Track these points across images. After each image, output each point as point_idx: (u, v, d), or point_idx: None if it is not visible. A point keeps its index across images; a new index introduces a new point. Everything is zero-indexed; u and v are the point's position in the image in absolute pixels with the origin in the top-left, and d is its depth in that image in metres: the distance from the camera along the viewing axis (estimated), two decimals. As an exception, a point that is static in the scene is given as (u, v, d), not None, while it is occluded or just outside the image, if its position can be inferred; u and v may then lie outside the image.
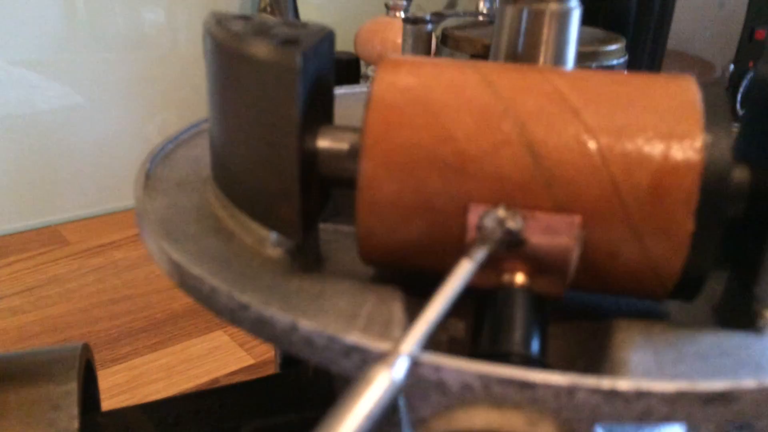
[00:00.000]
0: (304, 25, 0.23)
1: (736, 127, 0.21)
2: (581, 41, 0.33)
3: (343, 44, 1.14)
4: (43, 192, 1.00)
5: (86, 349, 0.29)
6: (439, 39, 0.36)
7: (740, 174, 0.21)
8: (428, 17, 0.35)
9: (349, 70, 1.07)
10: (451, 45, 0.34)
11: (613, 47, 0.33)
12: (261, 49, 0.20)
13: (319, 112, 0.23)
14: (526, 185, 0.20)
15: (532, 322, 0.20)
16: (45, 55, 0.95)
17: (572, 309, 0.23)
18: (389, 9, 0.99)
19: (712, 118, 0.19)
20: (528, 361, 0.19)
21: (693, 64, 1.16)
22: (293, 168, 0.20)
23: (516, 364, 0.19)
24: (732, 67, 1.14)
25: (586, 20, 0.28)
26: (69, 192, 1.02)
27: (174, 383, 0.73)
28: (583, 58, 0.32)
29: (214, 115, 0.24)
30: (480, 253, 0.19)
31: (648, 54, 1.07)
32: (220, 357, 0.75)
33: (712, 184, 0.19)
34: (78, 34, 0.95)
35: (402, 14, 0.98)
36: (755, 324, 0.20)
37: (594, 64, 0.32)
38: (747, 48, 1.18)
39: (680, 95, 0.20)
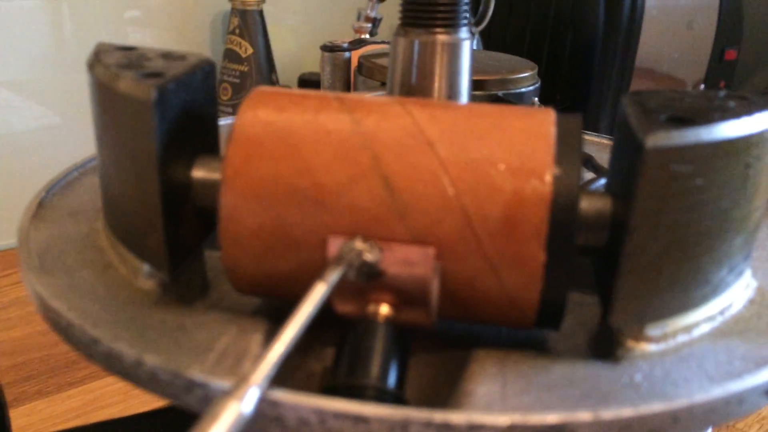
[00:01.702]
0: (182, 57, 0.23)
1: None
2: (492, 69, 0.34)
3: (315, 66, 1.15)
4: (9, 213, 0.99)
5: (-13, 378, 0.29)
6: (356, 67, 0.36)
7: (602, 204, 0.21)
8: (345, 45, 0.36)
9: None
10: (365, 73, 0.34)
11: (524, 75, 0.34)
12: (123, 83, 0.20)
13: (194, 142, 0.23)
14: (382, 217, 0.20)
15: (390, 354, 0.20)
16: (27, 76, 0.95)
17: (446, 337, 0.23)
18: (356, 32, 0.99)
19: (564, 152, 0.20)
20: (383, 394, 0.19)
21: (664, 82, 1.17)
22: (155, 199, 0.21)
23: (371, 397, 0.19)
24: (703, 87, 1.15)
25: (554, 38, 0.29)
26: (37, 213, 1.01)
27: (130, 407, 0.73)
28: (492, 86, 0.33)
29: (97, 146, 0.24)
30: (333, 276, 0.19)
31: (616, 72, 1.08)
32: (176, 380, 0.74)
33: (561, 216, 0.19)
34: (64, 55, 0.95)
35: (367, 36, 0.99)
36: (615, 353, 0.21)
37: (502, 92, 0.32)
38: (717, 68, 1.20)
39: (534, 128, 0.20)
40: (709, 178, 0.19)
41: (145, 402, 0.73)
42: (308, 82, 1.06)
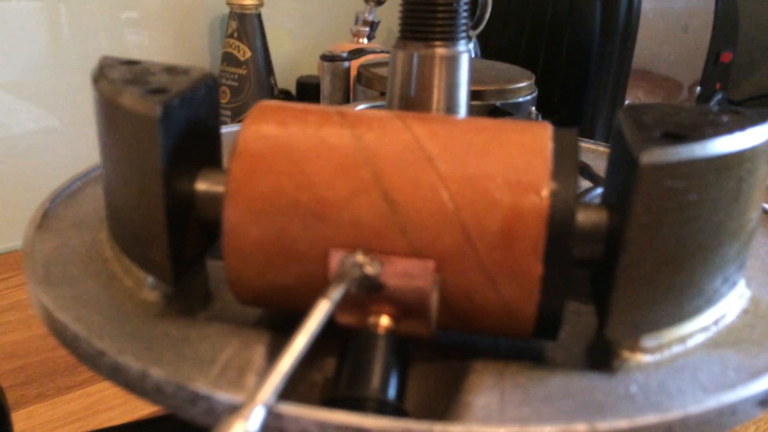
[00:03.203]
0: (186, 71, 0.24)
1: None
2: (490, 79, 0.34)
3: (313, 69, 1.15)
4: (8, 216, 0.99)
5: (-10, 386, 0.29)
6: (355, 76, 0.36)
7: (598, 217, 0.21)
8: (345, 54, 0.36)
9: (317, 94, 1.08)
10: (364, 83, 0.35)
11: (521, 84, 0.34)
12: (127, 99, 0.21)
13: (197, 155, 0.23)
14: (382, 231, 0.20)
15: (390, 366, 0.20)
16: (24, 78, 0.95)
17: (444, 348, 0.23)
18: (354, 35, 1.00)
19: (561, 166, 0.20)
20: (384, 406, 0.19)
21: (660, 83, 1.18)
22: (160, 214, 0.21)
23: (371, 409, 0.19)
24: (699, 89, 1.15)
25: (551, 42, 0.29)
26: (36, 216, 1.01)
27: (130, 410, 0.73)
28: (490, 96, 0.33)
29: (102, 159, 0.24)
30: (336, 293, 0.20)
31: (613, 75, 1.09)
32: (176, 383, 0.75)
33: (558, 230, 0.19)
34: (61, 56, 0.95)
35: (365, 41, 0.99)
36: (611, 364, 0.21)
37: (500, 102, 0.33)
38: (713, 71, 1.20)
39: (531, 144, 0.20)
40: (702, 192, 0.19)
41: (144, 406, 0.73)
42: (306, 84, 1.06)
